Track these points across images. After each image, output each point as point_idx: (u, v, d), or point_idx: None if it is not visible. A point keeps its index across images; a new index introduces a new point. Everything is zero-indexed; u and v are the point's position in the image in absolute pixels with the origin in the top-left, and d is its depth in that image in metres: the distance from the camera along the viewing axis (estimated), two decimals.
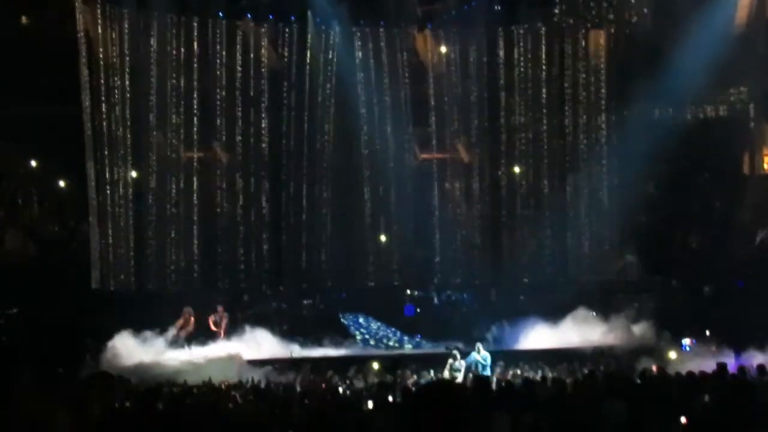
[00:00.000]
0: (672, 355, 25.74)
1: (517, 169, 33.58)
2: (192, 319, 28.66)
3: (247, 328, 28.66)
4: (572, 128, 33.13)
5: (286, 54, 32.34)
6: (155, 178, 30.91)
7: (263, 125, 32.01)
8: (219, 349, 26.96)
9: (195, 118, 31.34)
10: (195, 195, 31.47)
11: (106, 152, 29.74)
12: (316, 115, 32.28)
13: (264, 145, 32.06)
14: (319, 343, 29.03)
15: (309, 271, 32.41)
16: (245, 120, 31.86)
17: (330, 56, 32.42)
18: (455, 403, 3.99)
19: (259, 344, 27.97)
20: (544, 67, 32.89)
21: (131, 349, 25.92)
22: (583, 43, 33.02)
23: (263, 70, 32.04)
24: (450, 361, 24.12)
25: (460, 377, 23.69)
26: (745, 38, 30.82)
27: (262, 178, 32.13)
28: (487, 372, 23.41)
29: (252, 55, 31.93)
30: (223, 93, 31.63)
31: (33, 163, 30.61)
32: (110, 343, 25.82)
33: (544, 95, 32.94)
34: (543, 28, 32.87)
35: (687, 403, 11.56)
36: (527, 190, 33.34)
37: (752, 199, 31.79)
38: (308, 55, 32.19)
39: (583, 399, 12.74)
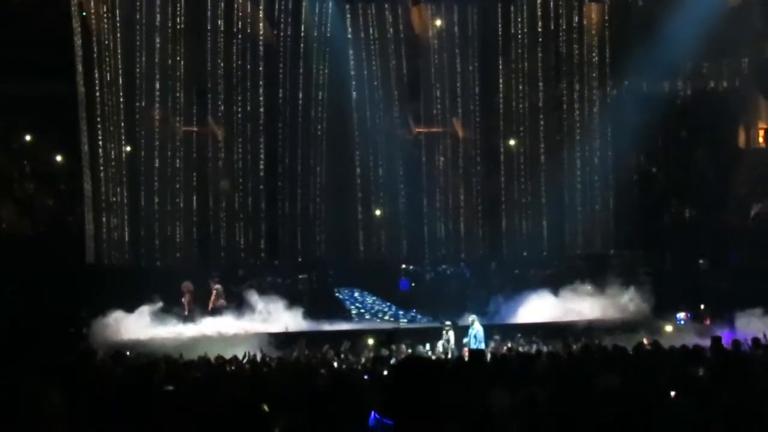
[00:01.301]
0: (666, 328, 25.82)
1: (512, 143, 33.55)
2: (190, 293, 28.71)
3: (247, 301, 28.72)
4: (568, 101, 33.08)
5: (280, 28, 32.23)
6: (150, 153, 30.84)
7: (258, 100, 31.93)
8: (225, 323, 27.07)
9: (190, 93, 31.26)
10: (190, 170, 31.43)
11: (99, 127, 29.66)
12: (310, 90, 32.22)
13: (259, 120, 32.00)
14: (314, 318, 29.03)
15: (304, 246, 32.44)
16: (240, 95, 31.78)
17: (324, 30, 32.28)
18: (431, 376, 3.99)
19: (265, 317, 28.00)
20: (540, 40, 32.80)
21: (129, 324, 25.96)
22: (579, 16, 32.91)
23: (258, 44, 31.93)
24: (444, 333, 24.31)
25: (451, 349, 23.85)
26: (740, 10, 30.72)
27: (257, 153, 32.07)
28: (482, 345, 23.49)
29: (246, 30, 31.77)
30: (218, 68, 31.54)
31: (27, 138, 30.49)
32: (107, 318, 25.86)
33: (539, 68, 32.88)
34: (539, 1, 32.74)
35: (681, 377, 11.57)
36: (522, 163, 33.31)
37: (747, 172, 31.79)
38: (302, 29, 32.07)
39: (577, 373, 12.76)
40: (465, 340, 24.21)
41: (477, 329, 24.06)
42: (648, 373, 12.00)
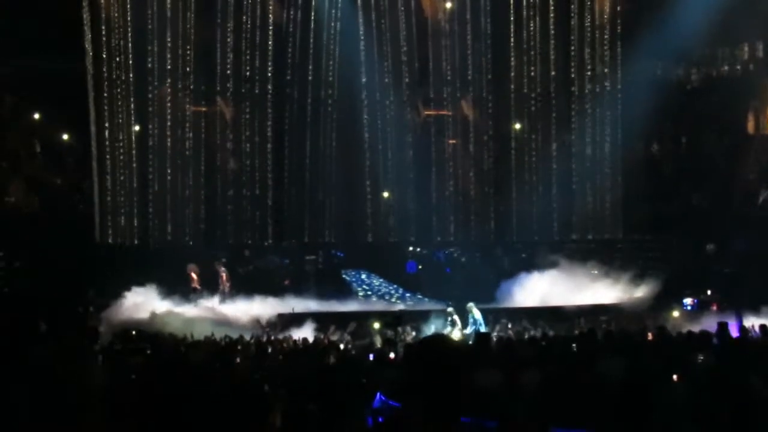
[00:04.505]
0: (673, 313, 25.81)
1: (521, 126, 33.48)
2: (196, 275, 28.77)
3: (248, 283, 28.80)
4: (578, 85, 33.02)
5: (290, 8, 32.15)
6: (158, 132, 30.83)
7: (267, 81, 31.90)
8: (227, 305, 27.14)
9: (199, 73, 31.25)
10: (198, 149, 31.43)
11: (106, 106, 29.68)
12: (319, 71, 32.14)
13: (267, 101, 31.97)
14: (321, 299, 29.04)
15: (312, 227, 32.44)
16: (249, 75, 31.74)
17: (334, 11, 32.17)
18: (451, 356, 3.97)
19: (261, 300, 28.05)
20: (551, 24, 32.69)
21: (135, 303, 26.01)
22: (591, 0, 32.83)
23: (268, 25, 31.86)
24: (452, 317, 24.31)
25: (457, 332, 23.83)
26: None
27: (265, 134, 32.05)
28: (481, 329, 23.44)
29: (257, 10, 31.70)
30: (228, 48, 31.50)
31: (36, 116, 30.50)
32: (113, 297, 25.92)
33: (550, 52, 32.79)
34: None
35: (686, 362, 11.56)
36: (532, 147, 33.27)
37: (755, 158, 31.73)
38: (312, 9, 31.99)
39: (582, 356, 12.75)
40: (466, 331, 24.14)
41: (477, 316, 24.02)
42: (654, 357, 11.99)
